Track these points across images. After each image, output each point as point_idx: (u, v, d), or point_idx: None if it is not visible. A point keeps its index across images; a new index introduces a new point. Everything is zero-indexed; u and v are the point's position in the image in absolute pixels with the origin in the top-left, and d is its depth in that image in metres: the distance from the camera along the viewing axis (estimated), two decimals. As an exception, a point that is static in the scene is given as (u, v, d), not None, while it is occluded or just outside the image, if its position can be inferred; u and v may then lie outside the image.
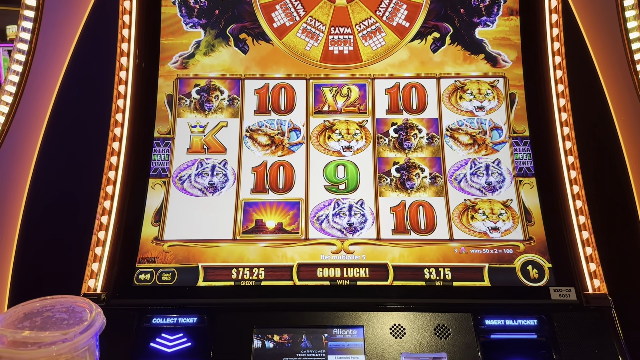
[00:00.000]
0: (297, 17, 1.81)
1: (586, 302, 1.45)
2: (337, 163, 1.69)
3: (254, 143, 1.71)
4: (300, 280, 1.52)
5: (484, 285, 1.51)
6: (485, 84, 1.75)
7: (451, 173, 1.67)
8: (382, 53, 1.79)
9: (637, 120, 1.72)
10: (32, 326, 1.02)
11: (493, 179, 1.65)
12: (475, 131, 1.71)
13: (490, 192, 1.64)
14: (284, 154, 1.70)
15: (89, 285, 1.48)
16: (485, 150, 1.69)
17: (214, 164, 1.68)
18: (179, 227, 1.59)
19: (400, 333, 1.41)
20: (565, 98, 1.69)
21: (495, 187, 1.65)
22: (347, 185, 1.66)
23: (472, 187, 1.65)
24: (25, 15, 1.70)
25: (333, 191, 1.65)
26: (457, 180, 1.66)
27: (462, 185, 1.65)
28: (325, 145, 1.71)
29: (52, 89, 1.74)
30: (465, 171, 1.67)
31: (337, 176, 1.67)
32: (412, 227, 1.60)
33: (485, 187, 1.65)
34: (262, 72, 1.78)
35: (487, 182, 1.65)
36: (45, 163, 1.71)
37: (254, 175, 1.67)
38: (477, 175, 1.66)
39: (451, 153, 1.69)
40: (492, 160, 1.68)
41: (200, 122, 1.73)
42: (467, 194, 1.65)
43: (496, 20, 1.80)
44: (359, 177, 1.67)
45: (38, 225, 1.66)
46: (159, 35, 1.79)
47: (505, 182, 1.65)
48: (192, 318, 1.43)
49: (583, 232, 1.54)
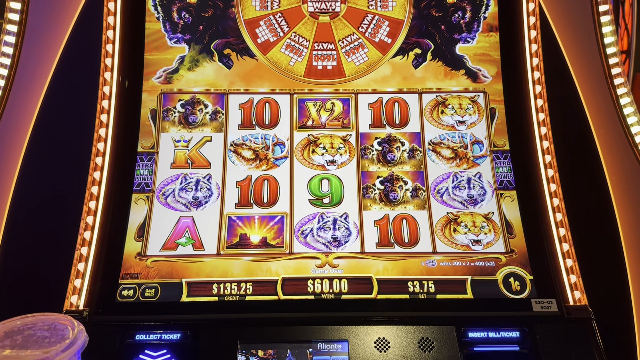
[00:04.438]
0: (281, 33, 1.83)
1: (567, 314, 1.47)
2: (322, 177, 1.70)
3: (239, 157, 1.72)
4: (284, 294, 1.52)
5: (466, 298, 1.52)
6: (466, 99, 1.78)
7: (434, 186, 1.69)
8: (365, 68, 1.81)
9: (616, 132, 1.76)
10: (13, 345, 1.01)
11: (475, 192, 1.68)
12: (456, 145, 1.74)
13: (472, 205, 1.67)
14: (269, 168, 1.71)
15: (71, 302, 1.47)
16: (467, 164, 1.72)
17: (198, 178, 1.68)
18: (162, 243, 1.59)
19: (384, 347, 1.41)
20: (545, 112, 1.72)
21: (477, 201, 1.67)
22: (331, 199, 1.67)
23: (454, 200, 1.67)
24: (8, 29, 1.70)
25: (317, 205, 1.66)
26: (439, 194, 1.68)
27: (444, 199, 1.67)
28: (310, 159, 1.72)
29: (35, 104, 1.73)
30: (448, 184, 1.69)
31: (322, 190, 1.68)
32: (396, 240, 1.61)
33: (467, 200, 1.67)
34: (246, 87, 1.79)
35: (468, 196, 1.67)
36: (27, 178, 1.69)
37: (239, 189, 1.68)
38: (459, 188, 1.68)
39: (434, 167, 1.71)
40: (474, 173, 1.70)
41: (184, 136, 1.73)
42: (450, 207, 1.66)
43: (476, 37, 1.83)
44: (343, 191, 1.68)
45: (19, 242, 1.63)
46: (143, 51, 1.79)
47: (486, 195, 1.68)
48: (176, 334, 1.42)
49: (563, 244, 1.57)
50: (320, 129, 1.76)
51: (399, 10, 1.85)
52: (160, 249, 1.58)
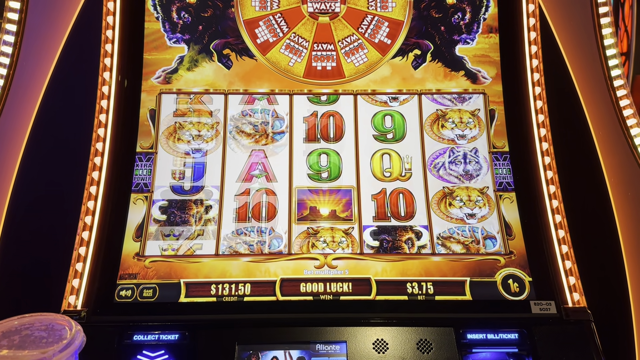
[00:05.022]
0: (280, 33, 1.83)
1: (566, 316, 1.47)
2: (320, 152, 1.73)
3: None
4: (283, 295, 1.52)
5: (465, 300, 1.52)
6: (466, 113, 1.77)
7: (430, 161, 1.72)
8: (365, 69, 1.81)
9: (615, 134, 1.76)
10: (10, 345, 1.00)
11: (470, 167, 1.71)
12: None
13: (467, 179, 1.69)
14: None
15: (69, 302, 1.47)
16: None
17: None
18: (160, 243, 1.59)
19: (383, 348, 1.41)
20: (544, 114, 1.72)
21: (472, 175, 1.70)
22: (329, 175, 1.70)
23: (450, 175, 1.70)
24: (7, 29, 1.70)
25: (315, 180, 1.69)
26: (436, 169, 1.70)
27: (441, 173, 1.70)
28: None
29: (34, 103, 1.73)
30: (444, 160, 1.71)
31: (321, 174, 1.70)
32: (392, 214, 1.63)
33: (463, 174, 1.70)
34: (245, 87, 1.79)
35: (464, 170, 1.70)
36: (26, 178, 1.69)
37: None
38: (455, 163, 1.71)
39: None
40: (470, 149, 1.73)
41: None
42: (446, 181, 1.69)
43: (476, 38, 1.83)
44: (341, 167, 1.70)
45: (17, 242, 1.63)
46: (142, 50, 1.79)
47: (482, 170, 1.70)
48: (174, 335, 1.42)
49: (562, 246, 1.56)
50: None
51: (399, 11, 1.85)
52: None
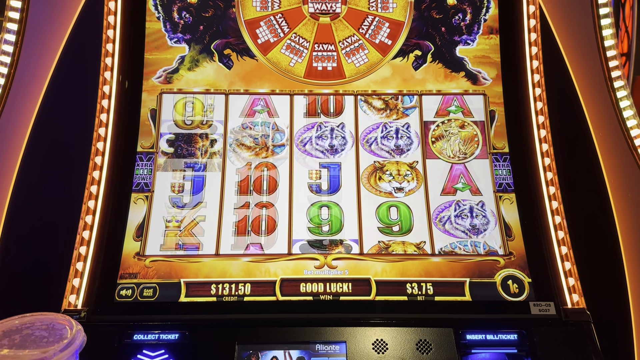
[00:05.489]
0: (281, 33, 1.83)
1: (565, 317, 1.47)
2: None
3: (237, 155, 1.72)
4: (283, 295, 1.52)
5: (465, 300, 1.52)
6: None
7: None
8: (365, 70, 1.81)
9: (615, 135, 1.76)
10: (11, 344, 1.01)
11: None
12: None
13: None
14: (268, 155, 1.72)
15: (69, 301, 1.47)
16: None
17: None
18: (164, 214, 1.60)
19: (382, 348, 1.41)
20: (544, 115, 1.72)
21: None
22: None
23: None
24: (8, 28, 1.70)
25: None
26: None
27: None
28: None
29: (34, 102, 1.73)
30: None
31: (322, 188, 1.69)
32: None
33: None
34: (246, 87, 1.79)
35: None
36: (27, 177, 1.69)
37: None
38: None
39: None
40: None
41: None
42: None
43: (476, 39, 1.83)
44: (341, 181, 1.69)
45: (18, 241, 1.64)
46: (143, 50, 1.79)
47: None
48: (174, 334, 1.42)
49: (562, 247, 1.57)
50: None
51: (400, 12, 1.85)
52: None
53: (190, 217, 1.62)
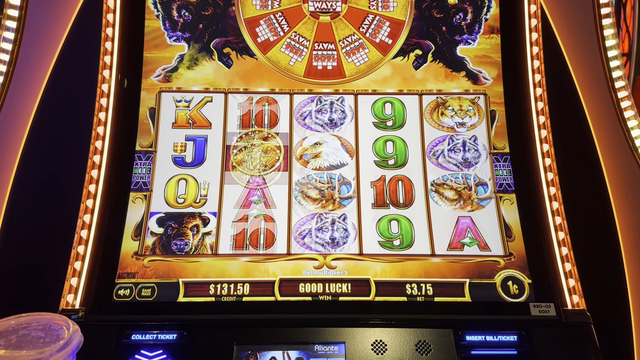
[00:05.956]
0: (281, 32, 1.82)
1: (565, 318, 1.47)
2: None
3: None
4: (282, 295, 1.51)
5: (464, 301, 1.51)
6: (466, 101, 1.77)
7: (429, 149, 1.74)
8: (366, 69, 1.81)
9: (616, 135, 1.75)
10: (7, 345, 1.00)
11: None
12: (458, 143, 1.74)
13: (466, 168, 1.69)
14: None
15: (67, 301, 1.46)
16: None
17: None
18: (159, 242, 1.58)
19: (381, 349, 1.41)
20: (545, 115, 1.71)
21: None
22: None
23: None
24: (7, 25, 1.69)
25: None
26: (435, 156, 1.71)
27: (440, 161, 1.72)
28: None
29: (33, 101, 1.73)
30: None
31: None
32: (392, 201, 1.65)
33: (460, 163, 1.70)
34: (245, 86, 1.78)
35: (463, 159, 1.71)
36: (25, 176, 1.68)
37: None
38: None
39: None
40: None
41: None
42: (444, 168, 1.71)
43: (477, 39, 1.83)
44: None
45: (15, 240, 1.63)
46: (142, 49, 1.78)
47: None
48: (172, 334, 1.41)
49: (562, 248, 1.56)
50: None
51: (400, 11, 1.84)
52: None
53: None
